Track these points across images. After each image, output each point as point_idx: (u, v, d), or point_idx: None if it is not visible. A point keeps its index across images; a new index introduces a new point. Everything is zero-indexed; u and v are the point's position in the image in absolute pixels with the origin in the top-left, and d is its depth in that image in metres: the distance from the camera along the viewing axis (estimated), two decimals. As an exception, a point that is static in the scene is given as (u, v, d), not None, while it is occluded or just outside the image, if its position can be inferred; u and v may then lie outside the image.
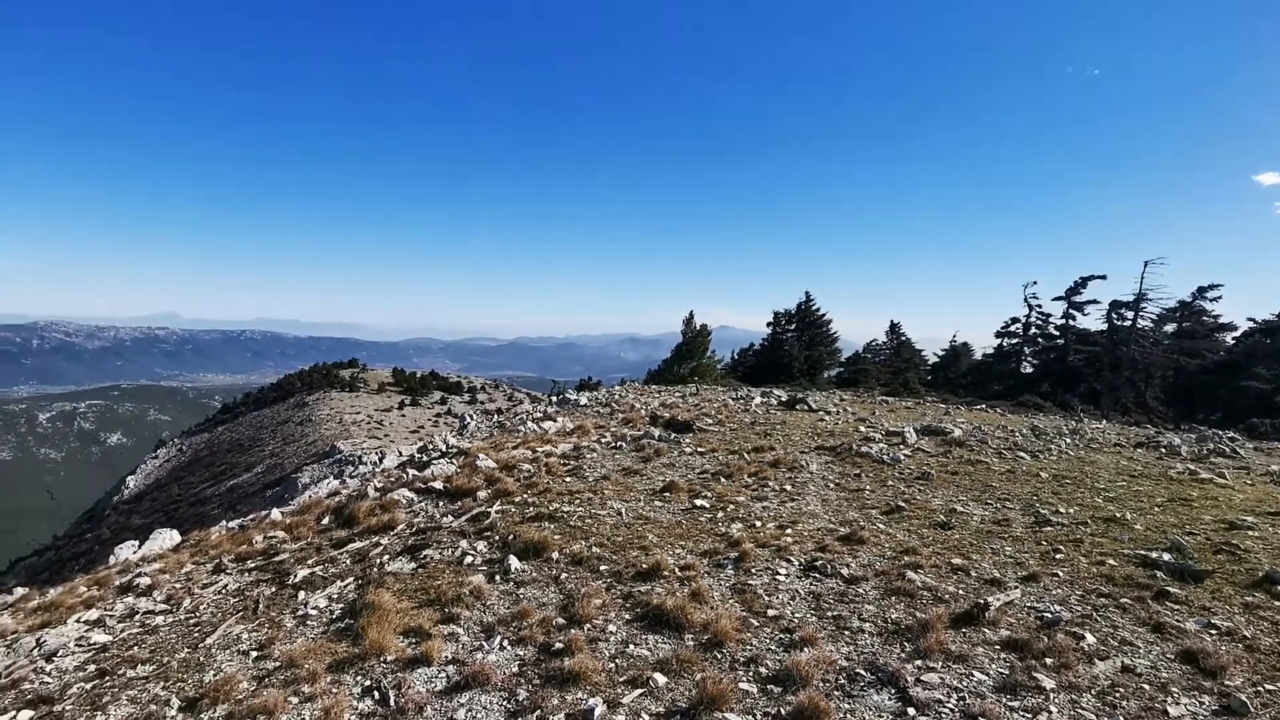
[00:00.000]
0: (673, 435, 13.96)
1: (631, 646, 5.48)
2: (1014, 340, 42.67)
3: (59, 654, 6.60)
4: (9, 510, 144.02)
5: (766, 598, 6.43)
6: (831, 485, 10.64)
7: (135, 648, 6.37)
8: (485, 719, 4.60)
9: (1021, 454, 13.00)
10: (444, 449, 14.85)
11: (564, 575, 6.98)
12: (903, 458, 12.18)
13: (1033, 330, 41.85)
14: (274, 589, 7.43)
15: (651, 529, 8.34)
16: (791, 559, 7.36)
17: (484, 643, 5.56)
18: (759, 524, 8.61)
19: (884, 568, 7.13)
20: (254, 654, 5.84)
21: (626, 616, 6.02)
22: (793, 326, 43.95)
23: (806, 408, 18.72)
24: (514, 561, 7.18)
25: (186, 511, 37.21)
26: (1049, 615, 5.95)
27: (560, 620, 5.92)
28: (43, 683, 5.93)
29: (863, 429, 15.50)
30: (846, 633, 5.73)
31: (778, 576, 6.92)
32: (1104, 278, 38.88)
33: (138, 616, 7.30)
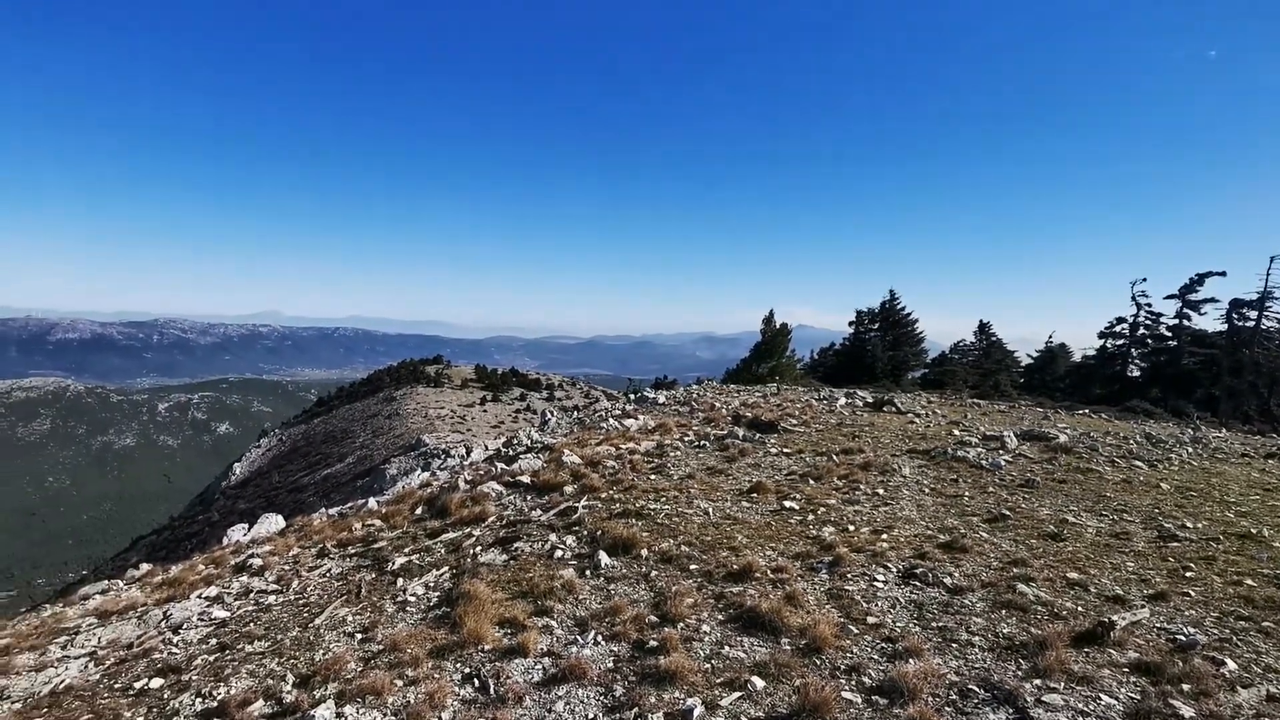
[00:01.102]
0: (757, 435, 13.73)
1: (727, 648, 5.37)
2: (1119, 341, 39.94)
3: (183, 627, 7.06)
4: (132, 492, 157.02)
5: (865, 604, 6.20)
6: (927, 490, 10.19)
7: (251, 624, 6.73)
8: (583, 713, 4.60)
9: (1137, 463, 12.10)
10: (529, 444, 15.11)
11: (654, 573, 6.94)
12: (1003, 464, 11.55)
13: (1141, 331, 39.05)
14: (374, 575, 7.71)
15: (740, 530, 8.19)
16: (889, 565, 7.07)
17: (578, 637, 5.58)
18: (852, 528, 8.32)
19: (991, 579, 6.74)
20: (359, 636, 6.06)
21: (720, 617, 5.92)
22: (876, 326, 42.58)
23: (894, 409, 18.07)
24: (604, 557, 7.19)
25: (285, 498, 39.46)
26: (1183, 638, 5.48)
27: (653, 618, 5.88)
28: (170, 653, 6.35)
29: (956, 432, 14.81)
30: (954, 645, 5.44)
31: (875, 583, 6.67)
32: (1223, 274, 35.90)
33: (252, 595, 7.72)
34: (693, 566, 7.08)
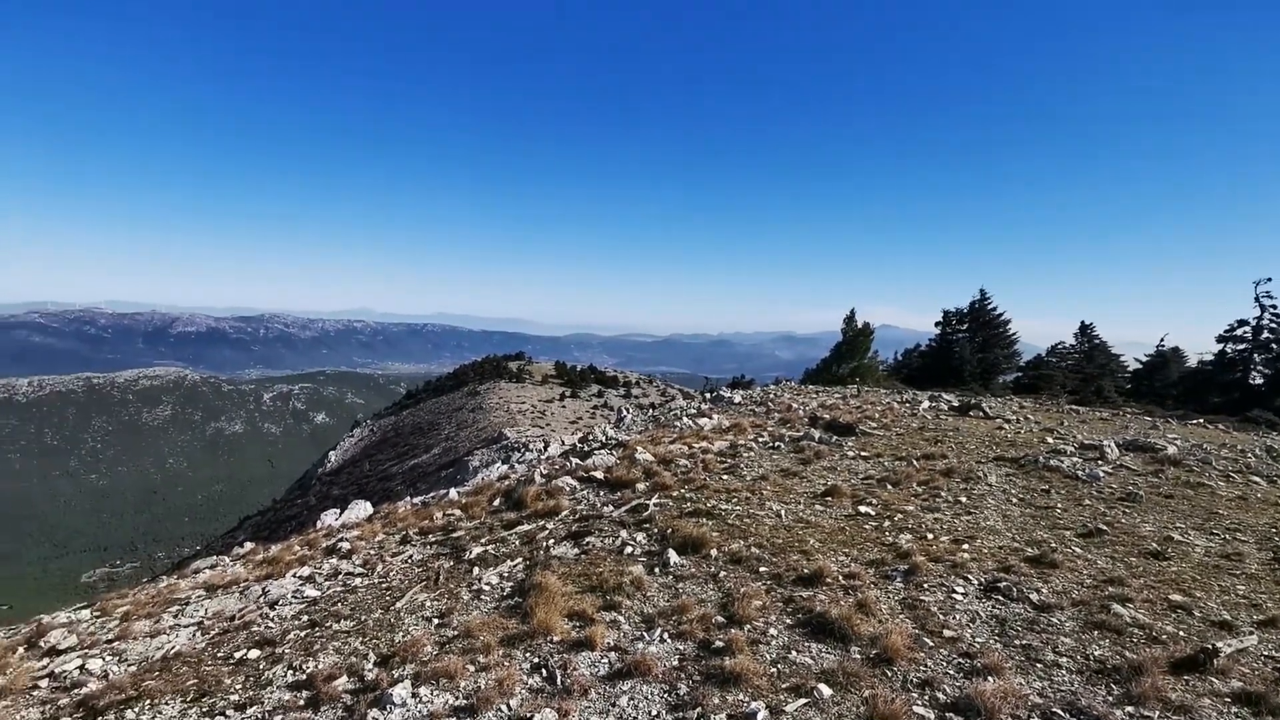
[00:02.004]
0: (834, 438, 13.42)
1: (794, 653, 5.29)
2: (1240, 346, 36.67)
3: (279, 603, 7.55)
4: (240, 475, 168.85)
5: (941, 616, 5.97)
6: (1015, 500, 9.70)
7: (339, 604, 7.13)
8: (647, 710, 4.64)
9: (1255, 478, 11.11)
10: (604, 440, 15.32)
11: (722, 573, 6.91)
12: (1102, 475, 10.84)
13: (1265, 335, 35.75)
14: (452, 563, 8.01)
15: (812, 533, 8.04)
16: (969, 577, 6.78)
17: (644, 633, 5.63)
18: (930, 536, 8.02)
19: (1083, 597, 6.36)
20: (436, 621, 6.32)
21: (788, 621, 5.83)
22: (964, 326, 40.69)
23: (982, 414, 17.26)
24: (673, 555, 7.21)
25: (375, 486, 41.43)
26: (1298, 670, 5.01)
27: (720, 618, 5.86)
28: (267, 627, 6.81)
29: (1050, 440, 14.01)
30: (1039, 665, 5.17)
31: (954, 594, 6.40)
32: (1364, 273, 32.32)
33: (340, 577, 8.18)
34: (762, 569, 7.01)
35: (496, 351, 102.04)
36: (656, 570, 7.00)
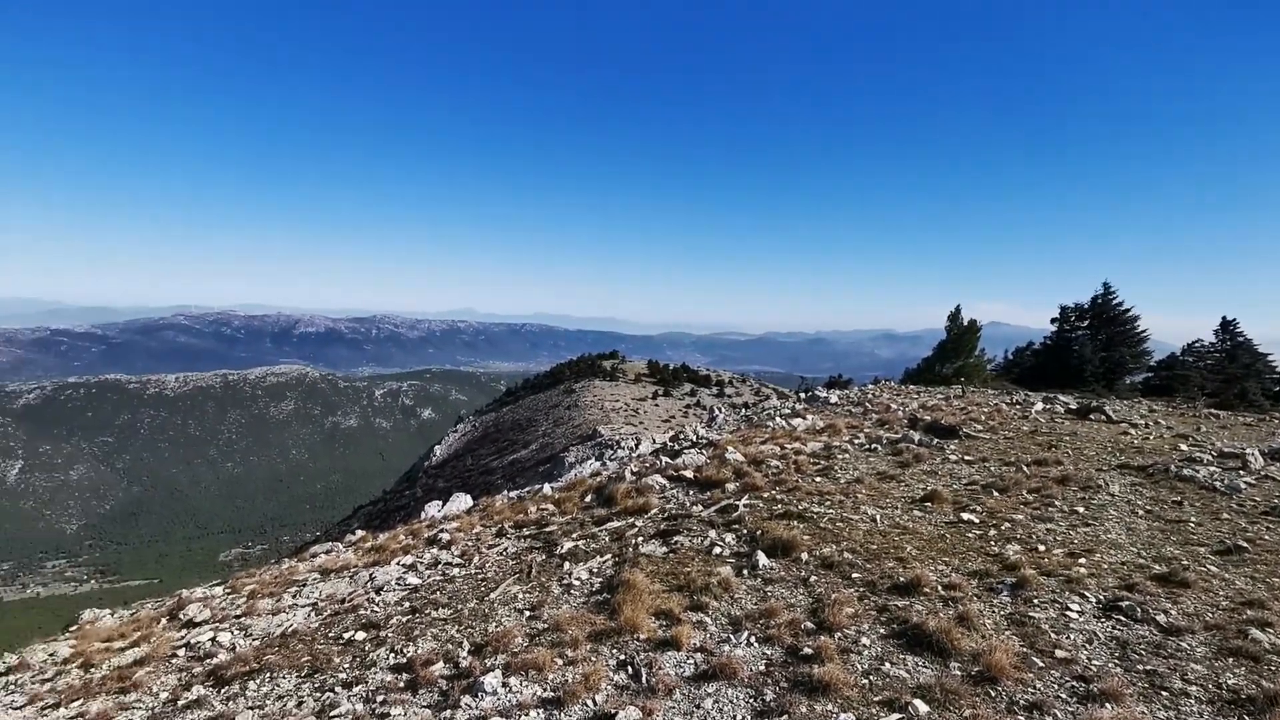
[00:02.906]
0: (935, 440, 12.80)
1: (887, 664, 5.08)
2: None
3: (384, 589, 7.98)
4: (355, 467, 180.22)
5: (1053, 635, 5.56)
6: (1140, 512, 8.91)
7: (437, 593, 7.46)
8: (731, 713, 4.58)
9: None
10: (694, 439, 15.28)
11: (813, 578, 6.73)
12: (1244, 486, 9.79)
13: None
14: (544, 557, 8.21)
15: (910, 540, 7.70)
16: (1086, 594, 6.29)
17: (731, 636, 5.56)
18: (1042, 548, 7.50)
19: (1217, 620, 5.76)
20: (527, 613, 6.50)
21: (881, 631, 5.61)
22: (1085, 323, 37.77)
23: (1104, 418, 15.98)
24: (761, 558, 7.10)
25: (477, 479, 43.10)
26: None
27: (809, 624, 5.70)
28: (373, 611, 7.22)
29: (1183, 447, 12.78)
30: (1164, 693, 4.73)
31: (1068, 612, 5.96)
32: None
33: (440, 566, 8.55)
34: (855, 575, 6.77)
35: (591, 350, 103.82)
36: (745, 572, 6.91)
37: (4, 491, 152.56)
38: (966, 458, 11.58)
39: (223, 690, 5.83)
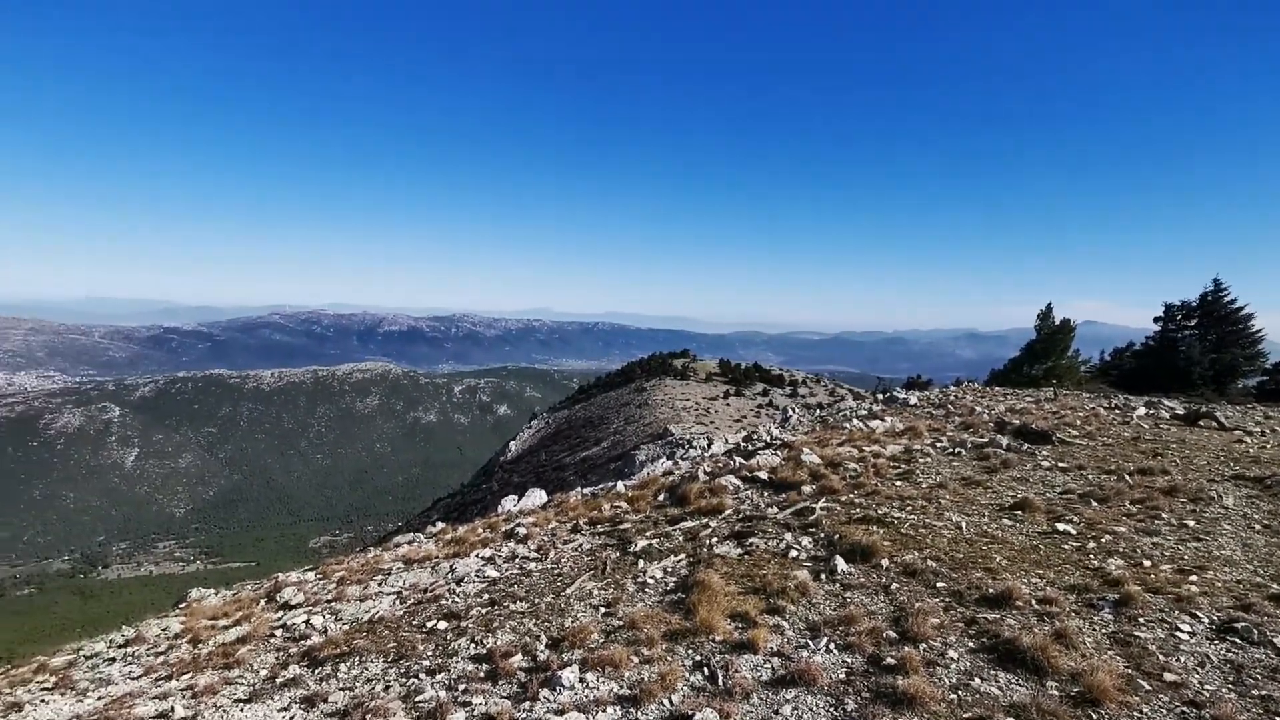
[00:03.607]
0: (1025, 445, 12.17)
1: (977, 680, 4.85)
2: None
3: (463, 581, 8.21)
4: (434, 460, 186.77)
5: (1161, 657, 5.18)
6: (1258, 527, 8.21)
7: (515, 586, 7.62)
8: (811, 722, 4.48)
9: None
10: (768, 440, 15.06)
11: (894, 585, 6.50)
12: (1383, 502, 8.88)
13: None
14: (618, 554, 8.26)
15: (999, 550, 7.33)
16: (1198, 613, 5.83)
17: (809, 641, 5.44)
18: (1147, 563, 7.00)
19: (1351, 648, 5.24)
20: (602, 610, 6.55)
21: (970, 644, 5.36)
22: (1192, 323, 35.08)
23: (1215, 424, 14.81)
24: (840, 562, 6.91)
25: (550, 475, 43.88)
26: None
27: (891, 633, 5.51)
28: (454, 601, 7.43)
29: (1310, 458, 11.71)
30: (1286, 724, 4.33)
31: (1177, 632, 5.54)
32: None
33: (517, 560, 8.73)
34: (939, 584, 6.51)
35: (662, 349, 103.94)
36: (822, 577, 6.74)
37: (123, 476, 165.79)
38: (1061, 465, 10.95)
39: (316, 671, 6.13)
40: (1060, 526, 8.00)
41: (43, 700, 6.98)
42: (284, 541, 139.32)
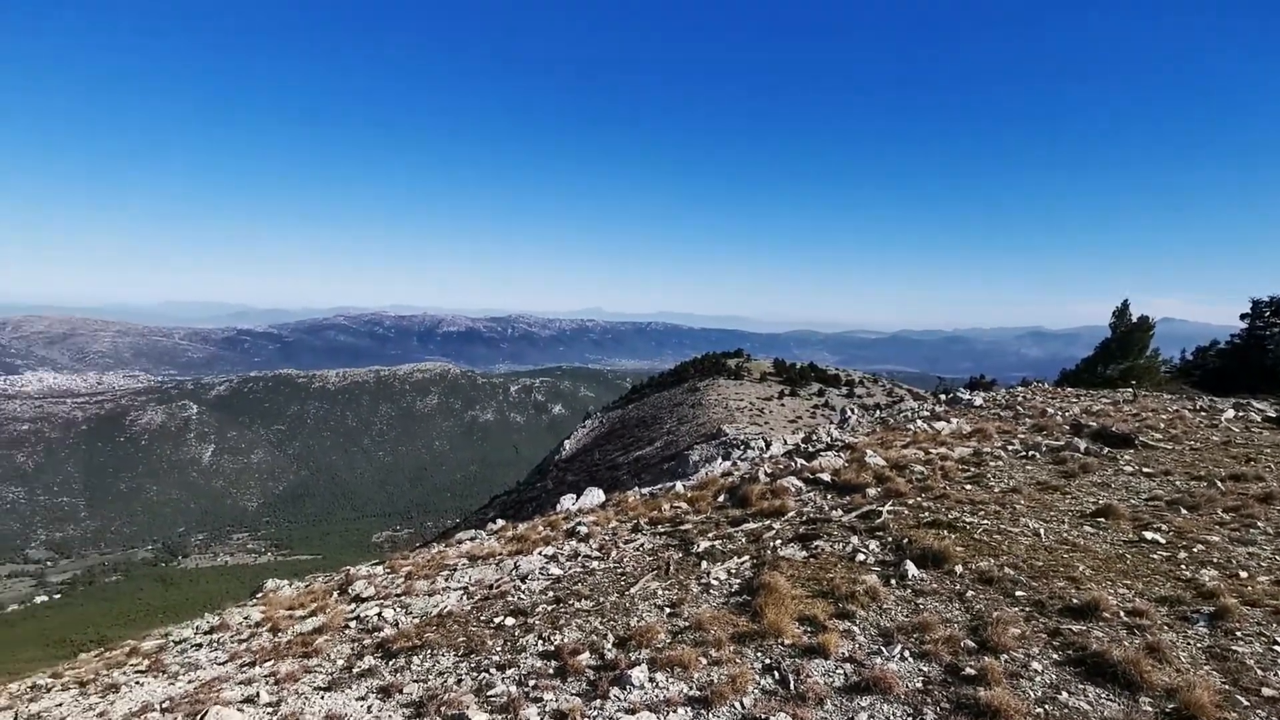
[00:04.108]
0: (1104, 449, 11.62)
1: (1064, 694, 4.64)
2: None
3: (528, 578, 8.32)
4: (490, 458, 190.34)
5: (1260, 672, 4.88)
6: (1368, 538, 7.64)
7: (579, 584, 7.68)
8: (888, 730, 4.37)
9: None
10: (828, 441, 14.81)
11: (970, 592, 6.30)
12: None
13: None
14: (681, 555, 8.25)
15: (1082, 558, 7.02)
16: (1301, 628, 5.46)
17: (882, 648, 5.31)
18: (1244, 574, 6.60)
19: None
20: (667, 610, 6.55)
21: (1054, 656, 5.14)
22: (1282, 318, 32.96)
23: (1315, 428, 13.86)
24: (910, 567, 6.73)
25: (604, 474, 44.15)
26: None
27: (969, 642, 5.33)
28: (519, 598, 7.54)
29: None
30: None
31: (1276, 646, 5.20)
32: None
33: (579, 559, 8.80)
34: (1019, 593, 6.27)
35: (715, 349, 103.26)
36: (893, 581, 6.58)
37: (200, 471, 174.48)
38: (1145, 470, 10.42)
39: (390, 662, 6.31)
40: (1148, 535, 7.61)
41: (137, 682, 7.40)
42: (348, 535, 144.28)
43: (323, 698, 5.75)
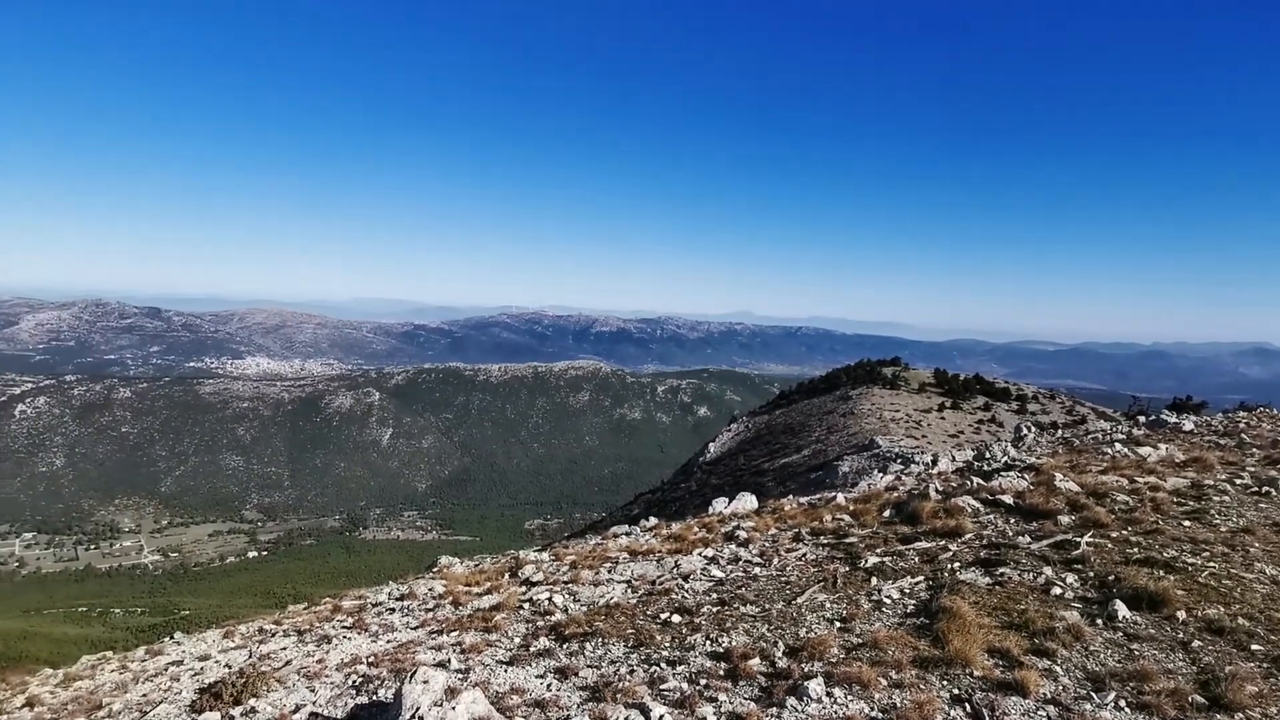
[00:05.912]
0: (1365, 490, 9.81)
1: (1326, 771, 3.98)
2: None
3: (690, 578, 8.41)
4: (636, 456, 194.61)
5: None
6: None
7: (742, 589, 7.65)
8: (1103, 784, 3.97)
9: None
10: (1006, 460, 13.70)
11: (1195, 642, 5.56)
12: None
13: None
14: (847, 568, 7.97)
15: (1339, 615, 5.97)
16: None
17: (1092, 694, 4.82)
18: None
19: None
20: (838, 624, 6.36)
21: (1308, 725, 4.42)
22: None
23: None
24: (1121, 608, 6.05)
25: (748, 479, 43.60)
26: None
27: (1198, 697, 4.71)
28: (683, 597, 7.64)
29: None
30: None
31: None
32: None
33: (740, 563, 8.77)
34: (1254, 646, 5.45)
35: (870, 356, 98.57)
36: (1099, 622, 5.95)
37: (379, 452, 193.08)
38: None
39: (564, 646, 6.63)
40: None
41: (345, 637, 8.32)
42: (503, 521, 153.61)
43: (506, 671, 6.16)
